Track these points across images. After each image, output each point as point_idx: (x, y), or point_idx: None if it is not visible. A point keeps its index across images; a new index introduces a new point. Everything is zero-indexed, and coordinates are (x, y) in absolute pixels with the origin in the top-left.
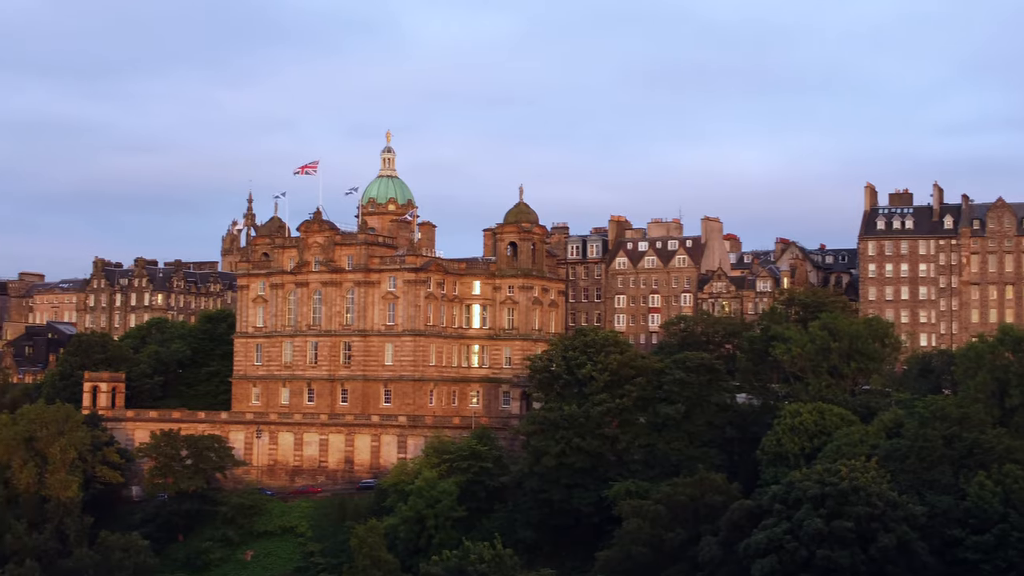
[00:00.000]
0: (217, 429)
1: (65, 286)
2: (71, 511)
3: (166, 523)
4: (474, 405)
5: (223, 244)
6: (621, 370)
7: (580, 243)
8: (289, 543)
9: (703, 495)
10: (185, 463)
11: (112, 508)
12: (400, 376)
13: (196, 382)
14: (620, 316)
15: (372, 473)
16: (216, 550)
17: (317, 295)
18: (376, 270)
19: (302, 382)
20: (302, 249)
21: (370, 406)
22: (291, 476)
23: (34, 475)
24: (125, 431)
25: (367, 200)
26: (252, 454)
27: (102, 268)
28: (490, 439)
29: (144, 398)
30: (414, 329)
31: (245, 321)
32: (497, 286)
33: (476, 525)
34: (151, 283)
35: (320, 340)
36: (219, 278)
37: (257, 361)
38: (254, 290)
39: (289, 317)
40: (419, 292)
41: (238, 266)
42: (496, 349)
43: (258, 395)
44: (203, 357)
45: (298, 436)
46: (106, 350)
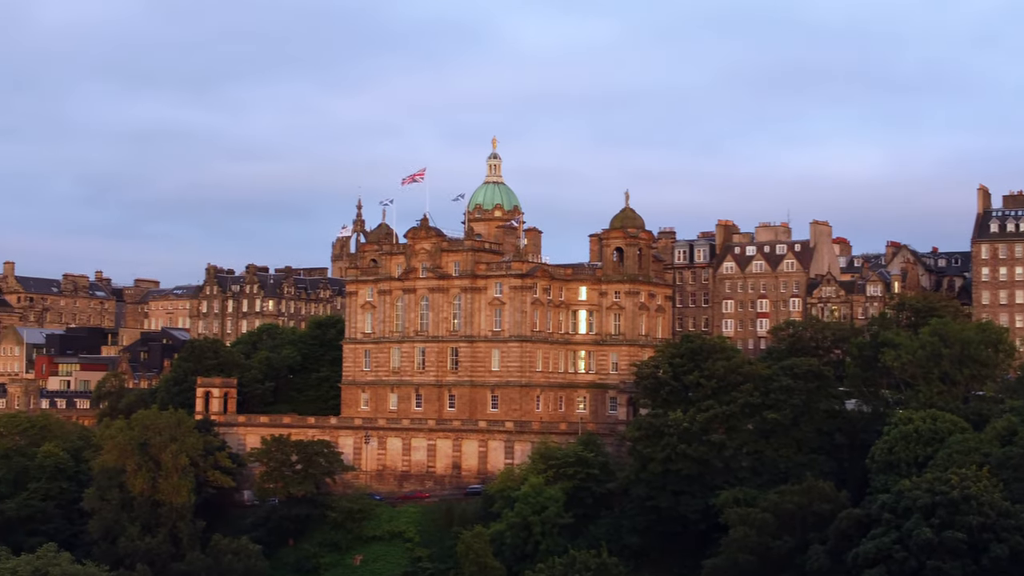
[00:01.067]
0: (327, 434)
1: (179, 292)
2: (184, 515)
3: (276, 527)
4: (581, 411)
5: (333, 250)
6: (728, 376)
7: (687, 248)
8: (397, 548)
9: (811, 503)
10: (295, 468)
11: (224, 512)
12: (507, 382)
13: (306, 387)
14: (728, 321)
15: (479, 478)
16: (325, 554)
17: (424, 301)
18: (483, 276)
19: (410, 388)
20: (409, 255)
21: (477, 411)
22: (399, 481)
23: (148, 480)
24: (237, 436)
25: (473, 206)
26: (361, 459)
27: (215, 275)
28: (596, 445)
29: (255, 403)
30: (520, 335)
31: (354, 327)
32: (603, 291)
33: (582, 532)
34: (262, 289)
35: (427, 346)
36: (329, 284)
37: (366, 367)
38: (362, 296)
39: (397, 323)
40: (525, 298)
41: (347, 272)
42: (602, 355)
43: (367, 400)
44: (313, 363)
45: (406, 441)
46: (218, 356)
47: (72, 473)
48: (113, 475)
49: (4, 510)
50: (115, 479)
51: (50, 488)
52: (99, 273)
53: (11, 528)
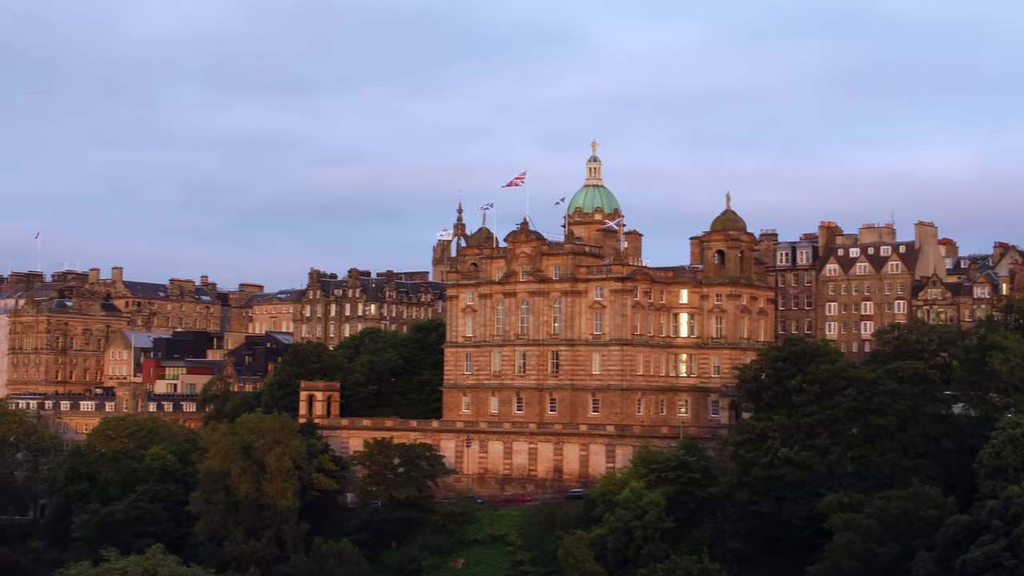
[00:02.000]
0: (428, 437)
1: (282, 297)
2: (288, 518)
3: (379, 530)
4: (682, 414)
5: (434, 254)
6: (832, 380)
7: (789, 250)
8: (499, 551)
9: (917, 509)
10: (398, 471)
11: (327, 515)
12: (608, 385)
13: (408, 391)
14: (831, 324)
15: (581, 482)
16: (427, 557)
17: (525, 305)
18: (583, 279)
19: (511, 391)
20: (510, 259)
21: (578, 415)
22: (501, 484)
23: (252, 483)
24: (340, 439)
25: (573, 210)
26: (462, 462)
27: (317, 279)
28: (698, 449)
29: (358, 407)
30: (621, 338)
31: (455, 331)
32: (705, 294)
33: (684, 537)
34: (364, 293)
35: (528, 349)
36: (430, 288)
37: (467, 370)
38: (463, 300)
39: (498, 327)
40: (626, 301)
41: (448, 276)
42: (704, 358)
43: (468, 404)
44: (415, 366)
45: (507, 445)
46: (321, 359)
47: (179, 476)
48: (218, 478)
49: (113, 512)
50: (220, 482)
51: (158, 490)
52: (204, 278)
53: (120, 529)
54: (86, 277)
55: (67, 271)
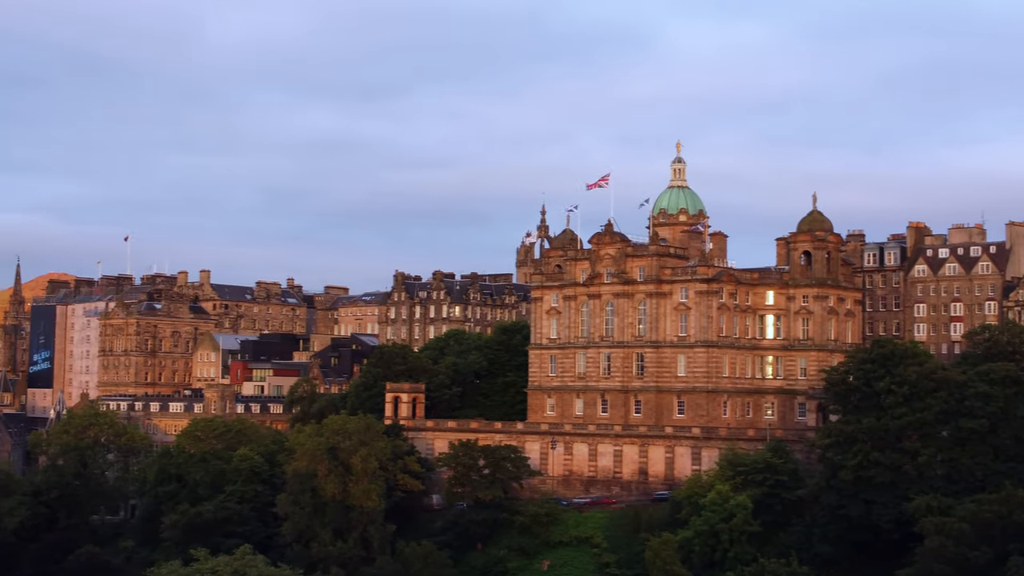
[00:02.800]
0: (513, 439)
1: (368, 299)
2: (374, 519)
3: (464, 531)
4: (769, 417)
5: (517, 256)
6: (921, 382)
7: (877, 251)
8: (584, 553)
9: (1011, 512)
10: (483, 473)
11: (413, 516)
12: (693, 387)
13: (492, 392)
14: (920, 326)
15: (666, 485)
16: (513, 559)
17: (609, 307)
18: (668, 281)
19: (595, 393)
20: (594, 261)
21: (664, 417)
22: (586, 486)
23: (338, 484)
24: (425, 441)
25: (658, 211)
26: (547, 464)
27: (402, 281)
28: (785, 452)
29: (443, 408)
30: (707, 340)
31: (539, 333)
32: (791, 296)
33: (772, 540)
34: (448, 295)
35: (613, 351)
36: (514, 290)
37: (551, 372)
38: (547, 302)
39: (582, 328)
40: (711, 303)
41: (532, 278)
42: (791, 360)
43: (553, 406)
44: (499, 368)
45: (592, 447)
46: (406, 361)
47: (266, 477)
48: (305, 479)
49: (202, 512)
50: (307, 483)
51: (245, 491)
52: (291, 280)
53: (208, 530)
54: (174, 280)
55: (156, 274)
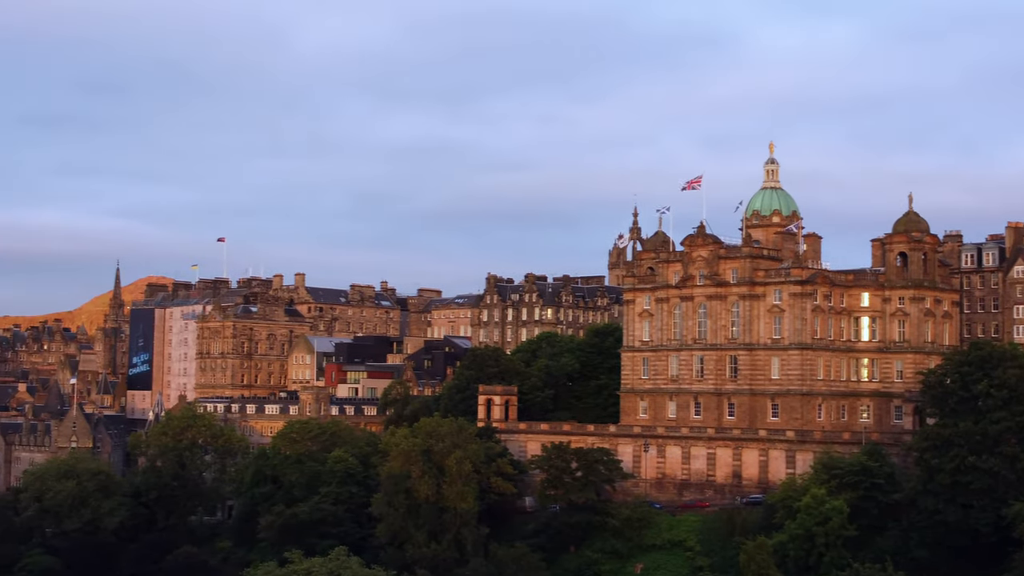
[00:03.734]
0: (606, 442)
1: (460, 301)
2: (467, 521)
3: (557, 534)
4: (864, 420)
5: (609, 258)
6: (1020, 386)
7: (975, 251)
8: (678, 557)
9: None
10: (575, 475)
11: (506, 518)
12: (787, 390)
13: (585, 395)
14: (1019, 327)
15: (760, 488)
16: (606, 562)
17: (702, 309)
18: (761, 283)
19: (688, 396)
20: (686, 263)
21: (757, 420)
22: (679, 490)
23: (432, 486)
24: (518, 443)
25: (751, 212)
26: (640, 467)
27: (494, 284)
28: (881, 455)
29: (535, 411)
30: (801, 342)
31: (632, 335)
32: (887, 298)
33: (867, 544)
34: (541, 298)
35: (706, 354)
36: (606, 292)
37: (644, 375)
38: (640, 304)
39: (675, 331)
40: (805, 305)
41: (624, 280)
42: (887, 362)
43: (645, 408)
44: (591, 370)
45: (685, 450)
46: (499, 363)
47: (361, 478)
48: (399, 481)
49: (297, 513)
50: (401, 485)
51: (340, 492)
52: (384, 283)
53: (303, 530)
54: (270, 283)
55: (251, 277)
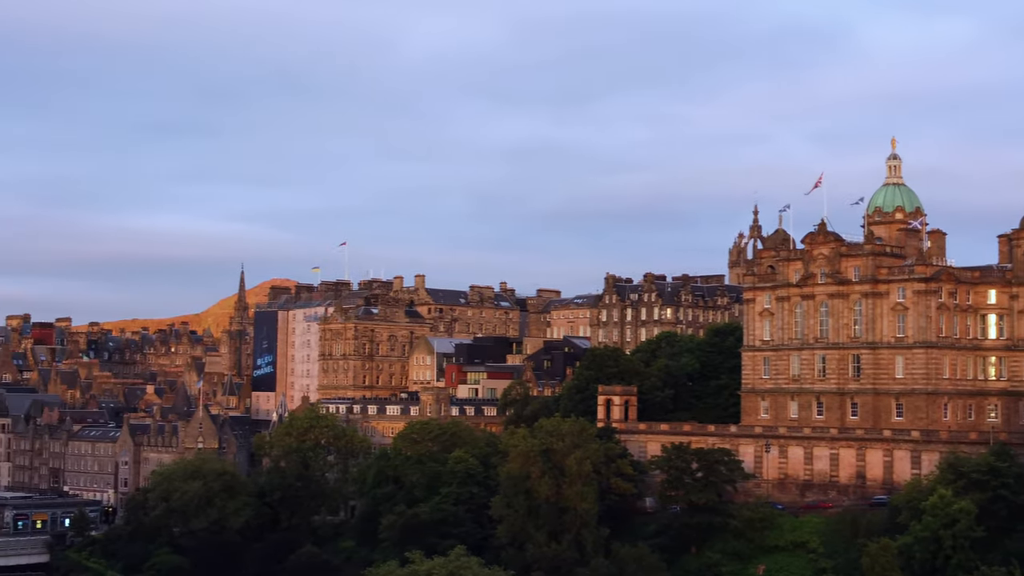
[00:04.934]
0: (726, 442)
1: (579, 302)
2: (587, 522)
3: (678, 535)
4: (992, 419)
5: (729, 257)
6: None
7: None
8: (800, 559)
9: None
10: (696, 476)
11: (626, 519)
12: (912, 390)
13: (705, 395)
14: None
15: (884, 489)
16: (728, 563)
17: (823, 307)
18: (884, 281)
19: (810, 395)
20: (807, 261)
21: (881, 420)
22: (801, 491)
23: (552, 486)
24: (637, 443)
25: (872, 209)
26: (762, 468)
27: (613, 284)
28: (1010, 455)
29: (655, 411)
30: (925, 341)
31: (752, 334)
32: (1014, 294)
33: (995, 546)
34: (660, 297)
35: (828, 353)
36: (726, 291)
37: (765, 374)
38: (760, 303)
39: (796, 330)
40: (930, 302)
41: (744, 279)
42: (1015, 361)
43: (766, 408)
44: (712, 370)
45: (808, 450)
46: (618, 364)
47: (481, 479)
48: (519, 481)
49: (418, 513)
50: (521, 485)
51: (460, 493)
52: (503, 284)
53: (424, 531)
54: (390, 285)
55: (372, 279)
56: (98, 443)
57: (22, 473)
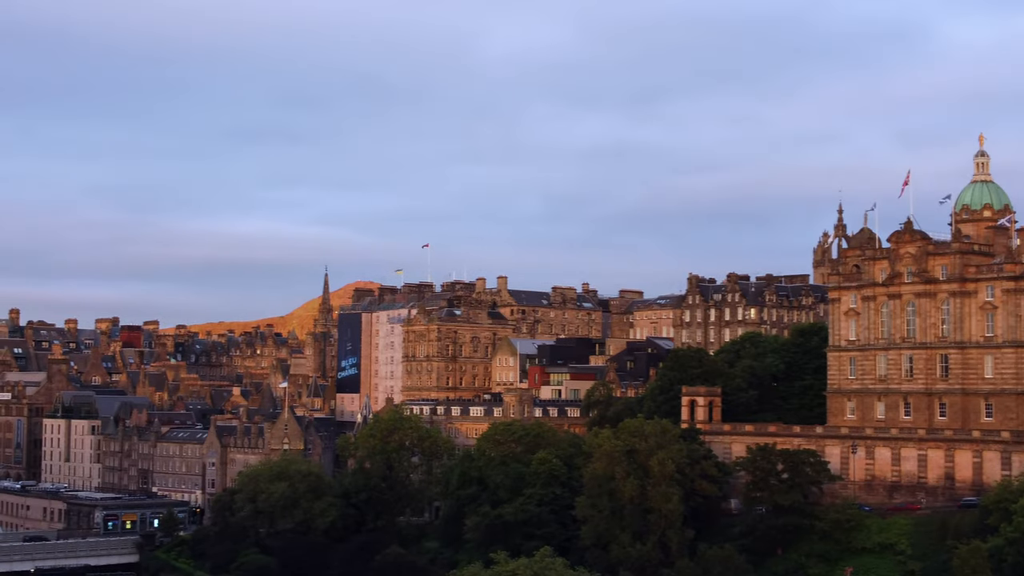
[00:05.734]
0: (812, 443)
1: (662, 302)
2: (672, 523)
3: (764, 536)
4: None
5: (814, 256)
6: None
7: None
8: (888, 561)
9: None
10: (781, 477)
11: (711, 521)
12: (1001, 389)
13: (790, 396)
14: None
15: (974, 490)
16: (814, 565)
17: (910, 307)
18: (972, 279)
19: (898, 396)
20: (893, 260)
21: (970, 421)
22: (889, 492)
23: (636, 487)
24: (722, 445)
25: (960, 207)
26: (848, 469)
27: (696, 284)
28: None
29: (739, 412)
30: (1015, 340)
31: (837, 334)
32: None
33: None
34: (744, 298)
35: (915, 353)
36: (811, 291)
37: (851, 375)
38: (845, 303)
39: (882, 330)
40: (1020, 301)
41: (828, 279)
42: None
43: (852, 409)
44: (796, 371)
45: (895, 451)
46: (702, 364)
47: (565, 479)
48: (603, 482)
49: (502, 514)
50: (605, 486)
51: (544, 494)
52: (585, 285)
53: (509, 532)
54: (473, 287)
55: (455, 281)
56: (186, 444)
57: (112, 474)
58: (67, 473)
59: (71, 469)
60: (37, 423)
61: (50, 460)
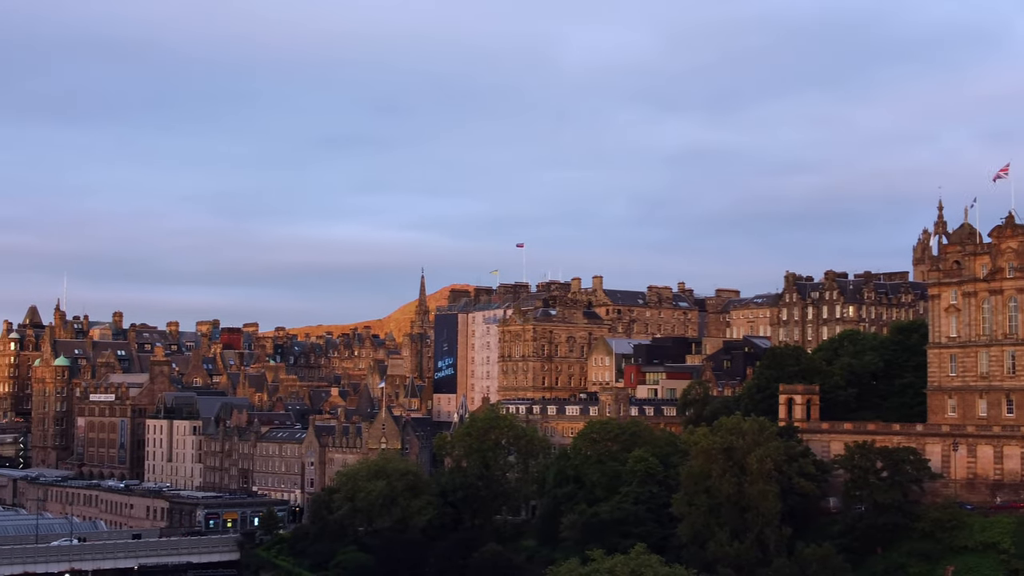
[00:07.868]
0: (912, 441)
1: (759, 301)
2: (770, 521)
3: (863, 535)
4: None
5: (913, 254)
6: None
7: None
8: (991, 559)
9: None
10: (881, 475)
11: (809, 519)
12: None
13: (890, 394)
14: None
15: None
16: (915, 564)
17: (1013, 302)
18: None
19: (1000, 393)
20: (995, 255)
21: None
22: (992, 491)
23: (733, 485)
24: (820, 443)
25: None
26: (949, 467)
27: (793, 282)
28: None
29: (838, 410)
30: None
31: (938, 331)
32: None
33: None
34: (842, 295)
35: (1018, 349)
36: (910, 288)
37: (952, 372)
38: (946, 299)
39: (984, 326)
40: None
41: (928, 275)
42: None
43: (954, 407)
44: (896, 368)
45: (998, 449)
46: (799, 363)
47: (661, 478)
48: (700, 480)
49: (599, 512)
50: (701, 484)
51: (640, 492)
52: (681, 284)
53: (605, 529)
54: (568, 287)
55: (550, 281)
56: (285, 444)
57: (213, 474)
58: (169, 472)
59: (173, 469)
60: (140, 424)
61: (153, 460)
